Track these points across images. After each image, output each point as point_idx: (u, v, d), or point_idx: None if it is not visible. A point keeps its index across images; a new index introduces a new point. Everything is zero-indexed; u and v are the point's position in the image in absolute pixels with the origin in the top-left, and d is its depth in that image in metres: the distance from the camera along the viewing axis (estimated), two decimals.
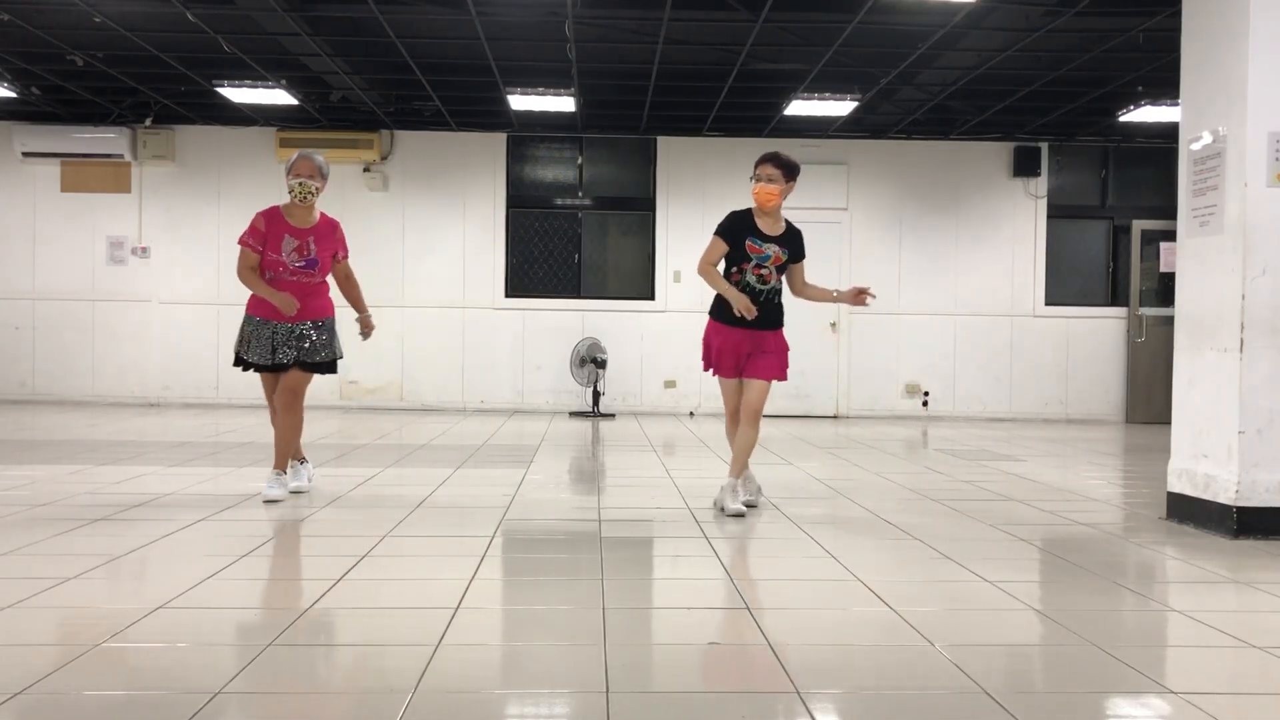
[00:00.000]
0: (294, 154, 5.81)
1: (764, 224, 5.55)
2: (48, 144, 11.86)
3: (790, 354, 5.68)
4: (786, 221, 5.66)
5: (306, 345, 5.72)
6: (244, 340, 5.77)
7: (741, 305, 5.41)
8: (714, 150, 12.28)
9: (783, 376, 5.64)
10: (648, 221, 12.45)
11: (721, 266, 5.59)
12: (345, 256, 5.99)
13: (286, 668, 2.98)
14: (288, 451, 5.81)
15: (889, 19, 8.01)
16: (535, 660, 3.10)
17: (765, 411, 5.77)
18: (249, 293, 5.76)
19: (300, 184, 5.65)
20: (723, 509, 5.54)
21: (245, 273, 5.70)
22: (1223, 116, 5.22)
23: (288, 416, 5.76)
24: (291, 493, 5.87)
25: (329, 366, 5.83)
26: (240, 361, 5.80)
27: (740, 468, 5.61)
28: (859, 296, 5.65)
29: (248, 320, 5.77)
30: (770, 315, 5.58)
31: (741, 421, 5.58)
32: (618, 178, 12.63)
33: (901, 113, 11.18)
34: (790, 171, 5.55)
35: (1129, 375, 12.51)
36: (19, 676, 2.79)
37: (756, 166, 5.57)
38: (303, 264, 5.70)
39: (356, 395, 12.37)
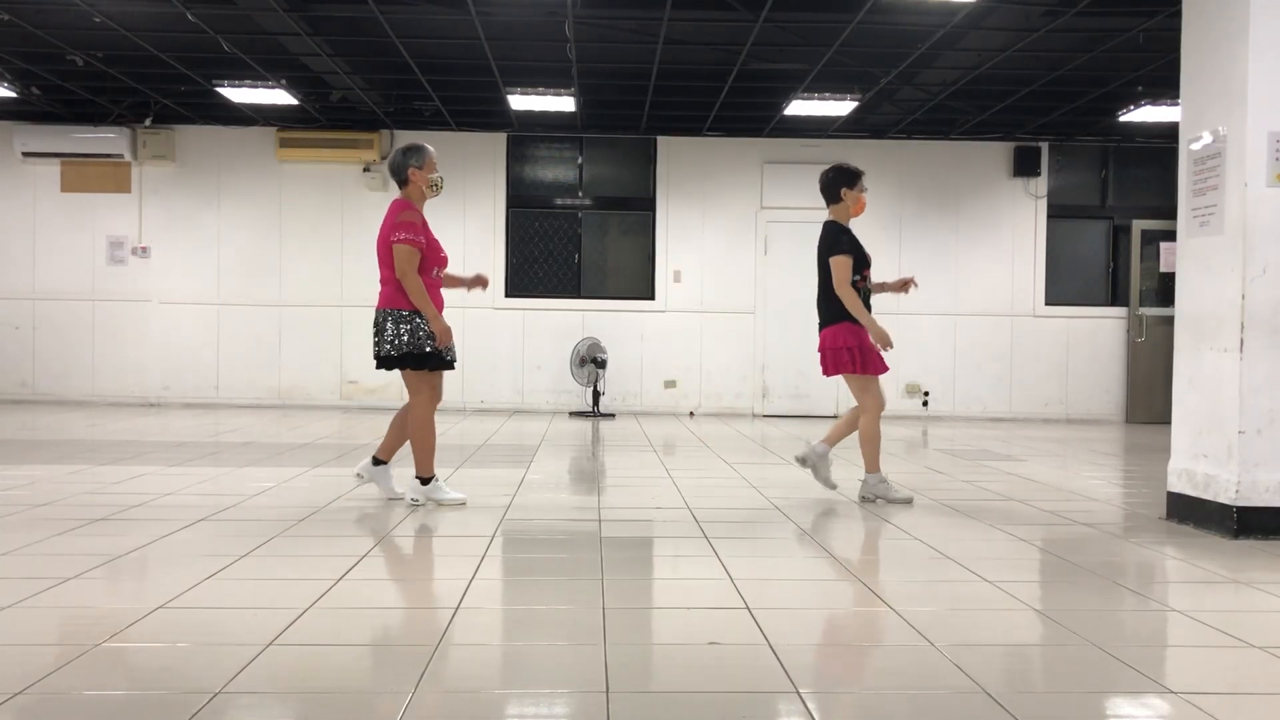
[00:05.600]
0: (416, 145, 5.47)
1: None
2: (48, 144, 11.86)
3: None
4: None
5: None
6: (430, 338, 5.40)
7: (882, 339, 5.66)
8: (714, 150, 12.28)
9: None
10: (648, 221, 12.45)
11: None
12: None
13: (286, 668, 2.98)
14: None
15: (889, 19, 8.01)
16: (535, 660, 3.10)
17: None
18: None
19: (441, 178, 5.55)
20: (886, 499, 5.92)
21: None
22: (1223, 116, 5.21)
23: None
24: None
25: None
26: (439, 360, 5.43)
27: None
28: (903, 286, 6.06)
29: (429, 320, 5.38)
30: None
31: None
32: (618, 177, 12.62)
33: (901, 113, 11.17)
34: None
35: (1129, 375, 12.51)
36: (19, 676, 2.79)
37: (861, 178, 5.95)
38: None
39: (356, 395, 12.36)
